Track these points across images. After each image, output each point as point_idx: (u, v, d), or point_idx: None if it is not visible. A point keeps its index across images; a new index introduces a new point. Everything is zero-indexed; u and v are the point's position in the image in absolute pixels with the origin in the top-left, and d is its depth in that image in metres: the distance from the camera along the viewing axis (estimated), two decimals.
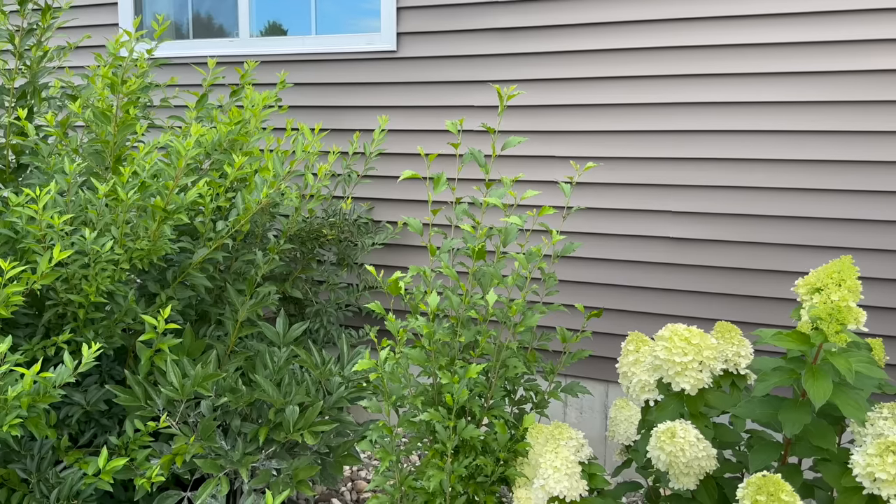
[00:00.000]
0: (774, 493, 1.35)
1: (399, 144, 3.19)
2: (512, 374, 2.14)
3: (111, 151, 2.40)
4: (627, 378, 1.96)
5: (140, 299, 2.38)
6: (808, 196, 2.66)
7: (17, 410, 1.92)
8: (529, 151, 2.99)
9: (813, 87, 2.61)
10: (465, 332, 2.16)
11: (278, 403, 2.31)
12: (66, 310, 2.23)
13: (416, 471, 2.13)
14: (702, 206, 2.79)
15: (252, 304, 2.52)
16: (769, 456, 1.61)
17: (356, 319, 3.33)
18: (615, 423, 2.17)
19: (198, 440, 2.22)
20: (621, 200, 2.91)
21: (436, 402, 2.12)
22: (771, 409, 1.61)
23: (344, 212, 3.07)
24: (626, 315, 2.94)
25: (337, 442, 2.48)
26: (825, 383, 1.45)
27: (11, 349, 2.12)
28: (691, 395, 1.72)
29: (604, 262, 2.96)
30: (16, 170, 2.53)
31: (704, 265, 2.82)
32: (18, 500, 2.13)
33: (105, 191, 2.15)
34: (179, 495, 2.29)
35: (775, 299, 2.72)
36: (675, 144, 2.81)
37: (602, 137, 2.91)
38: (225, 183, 2.44)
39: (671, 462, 1.64)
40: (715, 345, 1.72)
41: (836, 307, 1.48)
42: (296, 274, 2.98)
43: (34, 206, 2.06)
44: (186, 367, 2.28)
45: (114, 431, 2.34)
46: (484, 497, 2.06)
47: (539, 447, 1.97)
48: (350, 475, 3.01)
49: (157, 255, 2.27)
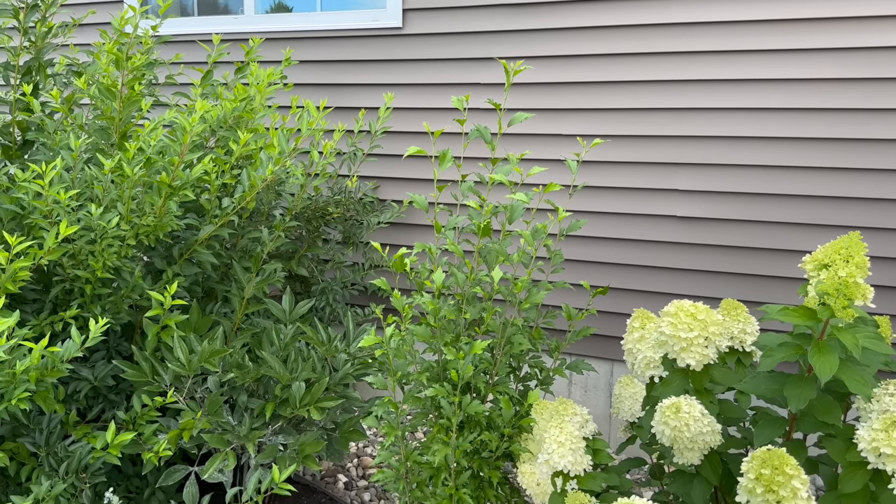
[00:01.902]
0: (779, 467, 1.35)
1: (405, 122, 3.18)
2: (517, 351, 2.14)
3: (116, 128, 2.40)
4: (632, 355, 1.96)
5: (147, 276, 2.38)
6: (816, 174, 2.64)
7: (25, 384, 1.94)
8: (536, 130, 2.98)
9: (823, 64, 2.58)
10: (471, 308, 2.16)
11: (284, 379, 2.32)
12: (73, 286, 2.24)
13: (422, 446, 2.15)
14: (709, 184, 2.78)
15: (258, 281, 2.52)
16: (774, 431, 1.61)
17: (362, 298, 3.34)
18: (619, 400, 2.17)
19: (205, 415, 2.24)
20: (628, 179, 2.89)
21: (441, 379, 2.13)
22: (776, 385, 1.61)
23: (349, 190, 3.07)
24: (631, 294, 2.94)
25: (343, 418, 2.49)
26: (831, 358, 1.45)
27: (19, 324, 2.13)
28: (696, 372, 1.72)
29: (609, 241, 2.96)
30: (21, 146, 2.53)
31: (711, 244, 2.80)
32: (28, 474, 2.15)
33: (111, 167, 2.15)
34: (187, 470, 2.31)
35: (782, 278, 2.71)
36: (683, 122, 2.79)
37: (609, 115, 2.89)
38: (230, 160, 2.44)
39: (675, 437, 1.64)
40: (721, 321, 1.71)
41: (843, 282, 1.47)
42: (301, 252, 2.99)
43: (40, 182, 2.06)
44: (193, 343, 2.29)
45: (121, 407, 2.36)
46: (488, 472, 2.07)
47: (544, 423, 1.98)
48: (356, 451, 3.03)
49: (163, 232, 2.27)
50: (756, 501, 1.38)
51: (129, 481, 2.41)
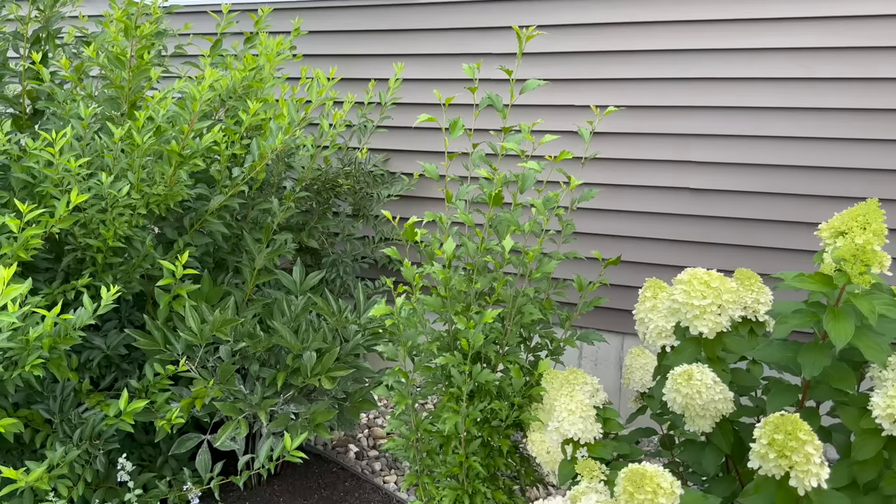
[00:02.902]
0: (792, 432, 1.34)
1: (415, 94, 3.15)
2: (528, 321, 2.14)
3: (126, 97, 2.39)
4: (644, 324, 1.94)
5: (158, 246, 2.39)
6: (831, 145, 2.60)
7: (38, 351, 1.95)
8: (547, 100, 2.94)
9: (839, 33, 2.53)
10: (481, 278, 2.15)
11: (296, 349, 2.33)
12: (84, 255, 2.25)
13: (432, 415, 2.15)
14: (724, 155, 2.74)
15: (269, 252, 2.52)
16: (786, 399, 1.60)
17: (372, 271, 3.34)
18: (630, 371, 2.17)
19: (217, 384, 2.25)
20: (641, 150, 2.86)
21: (451, 348, 2.13)
22: (790, 353, 1.59)
23: (359, 161, 3.05)
24: (642, 267, 2.92)
25: (353, 388, 2.50)
26: (847, 325, 1.43)
27: (32, 293, 2.14)
28: (709, 340, 1.71)
29: (621, 213, 2.93)
30: (32, 116, 2.53)
31: (724, 216, 2.77)
32: (42, 440, 2.18)
33: (121, 135, 2.14)
34: (199, 438, 2.33)
35: (796, 251, 2.68)
36: (698, 92, 2.75)
37: (623, 85, 2.85)
38: (240, 130, 2.43)
39: (687, 404, 1.63)
40: (734, 288, 1.70)
41: (860, 248, 1.45)
42: (312, 224, 2.98)
43: (51, 150, 2.06)
44: (205, 312, 2.30)
45: (133, 375, 2.38)
46: (498, 440, 2.08)
47: (554, 392, 1.97)
48: (367, 422, 3.05)
49: (173, 201, 2.27)
50: (768, 467, 1.37)
51: (142, 449, 2.43)
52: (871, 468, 1.47)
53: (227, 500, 2.43)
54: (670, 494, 1.43)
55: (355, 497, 2.50)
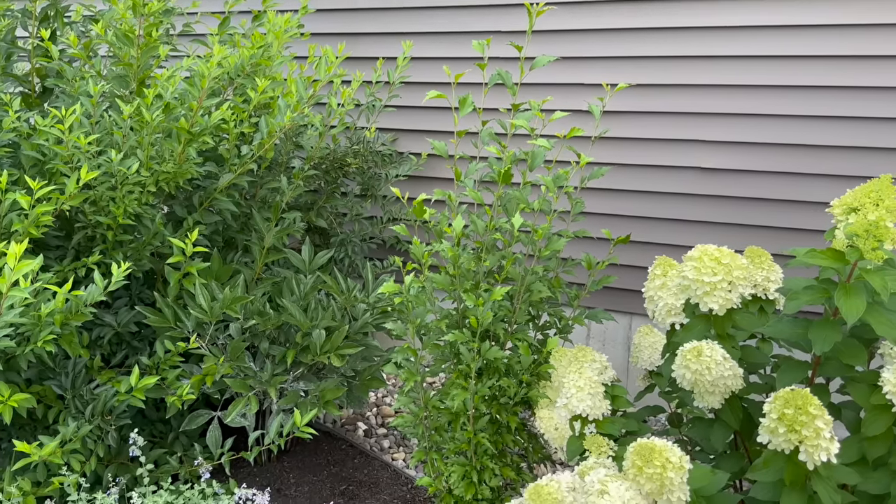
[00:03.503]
0: (802, 407, 1.34)
1: (424, 72, 3.14)
2: (536, 299, 2.14)
3: (134, 75, 2.39)
4: (653, 302, 1.94)
5: (167, 224, 2.39)
6: (846, 124, 2.57)
7: (50, 327, 1.97)
8: (557, 79, 2.92)
9: (851, 11, 2.49)
10: (490, 257, 2.15)
11: (305, 327, 2.34)
12: (94, 232, 2.26)
13: (440, 392, 2.16)
14: (736, 134, 2.72)
15: (278, 231, 2.53)
16: (796, 375, 1.60)
17: (380, 252, 3.34)
18: (639, 350, 2.17)
19: (227, 361, 2.27)
20: (652, 129, 2.84)
21: (460, 326, 2.13)
22: (800, 329, 1.59)
23: (368, 140, 3.05)
24: (652, 247, 2.91)
25: (362, 366, 2.52)
26: (858, 301, 1.42)
27: (43, 269, 2.15)
28: (719, 316, 1.71)
29: (631, 193, 2.92)
30: (41, 94, 2.53)
31: (735, 196, 2.76)
32: (55, 416, 2.20)
33: (130, 112, 2.14)
34: (210, 414, 2.35)
35: (808, 231, 2.67)
36: (710, 71, 2.72)
37: (633, 63, 2.83)
38: (248, 108, 2.43)
39: (696, 380, 1.63)
40: (745, 265, 1.69)
41: (873, 224, 1.44)
42: (320, 203, 2.98)
43: (60, 127, 2.06)
44: (215, 290, 2.31)
45: (144, 353, 2.39)
46: (506, 417, 2.08)
47: (562, 369, 1.98)
48: (375, 401, 3.07)
49: (182, 179, 2.27)
50: (777, 441, 1.38)
51: (154, 426, 2.46)
52: (881, 444, 1.47)
53: (237, 476, 2.45)
54: (679, 469, 1.44)
55: (364, 473, 2.52)
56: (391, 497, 2.41)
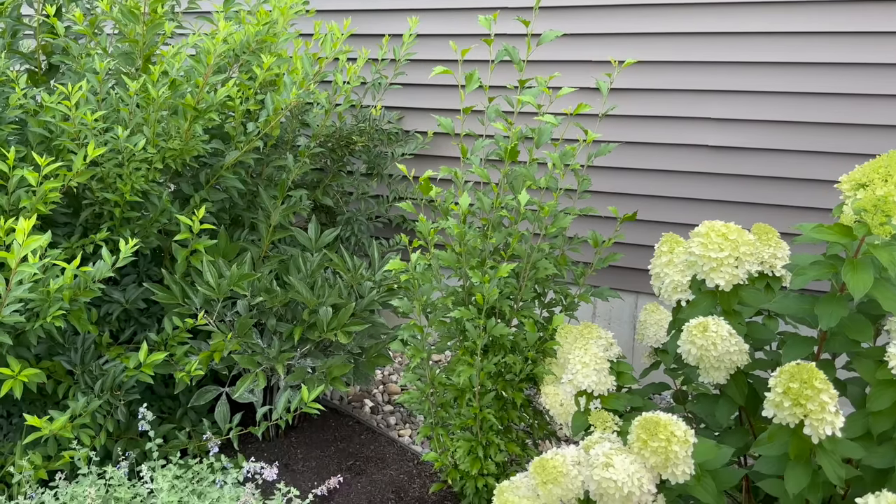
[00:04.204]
0: (808, 381, 1.34)
1: (429, 50, 3.12)
2: (542, 276, 2.14)
3: (140, 52, 2.38)
4: (660, 279, 1.94)
5: (174, 202, 2.40)
6: (854, 101, 2.55)
7: (59, 303, 1.98)
8: (564, 56, 2.90)
9: None
10: (496, 234, 2.15)
11: (312, 304, 2.35)
12: (102, 209, 2.27)
13: (446, 369, 2.17)
14: (742, 112, 2.70)
15: (284, 209, 2.53)
16: (802, 351, 1.60)
17: (386, 231, 3.34)
18: (644, 327, 2.17)
19: (235, 337, 2.28)
20: (658, 107, 2.82)
21: (466, 303, 2.14)
22: (807, 305, 1.58)
23: (374, 118, 3.04)
24: (658, 225, 2.90)
25: (369, 343, 2.53)
26: (866, 275, 1.42)
27: (51, 246, 2.17)
28: (725, 292, 1.71)
29: (637, 171, 2.91)
30: (47, 71, 2.53)
31: (741, 174, 2.75)
32: (64, 391, 2.22)
33: (136, 88, 2.14)
34: (218, 390, 2.37)
35: (815, 209, 2.65)
36: (717, 47, 2.70)
37: (640, 40, 2.80)
38: (254, 85, 2.42)
39: (702, 356, 1.64)
40: (752, 241, 1.69)
41: (881, 199, 1.43)
42: (326, 182, 2.98)
43: (67, 103, 2.06)
44: (222, 267, 2.32)
45: (152, 329, 2.41)
46: (512, 393, 2.10)
47: (568, 346, 1.99)
48: (382, 379, 3.08)
49: (189, 156, 2.27)
50: (783, 415, 1.38)
51: (162, 402, 2.48)
52: (886, 419, 1.47)
53: (245, 451, 2.48)
54: (684, 442, 1.45)
55: (371, 449, 2.55)
56: (397, 472, 2.43)
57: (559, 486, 1.55)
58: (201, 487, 1.94)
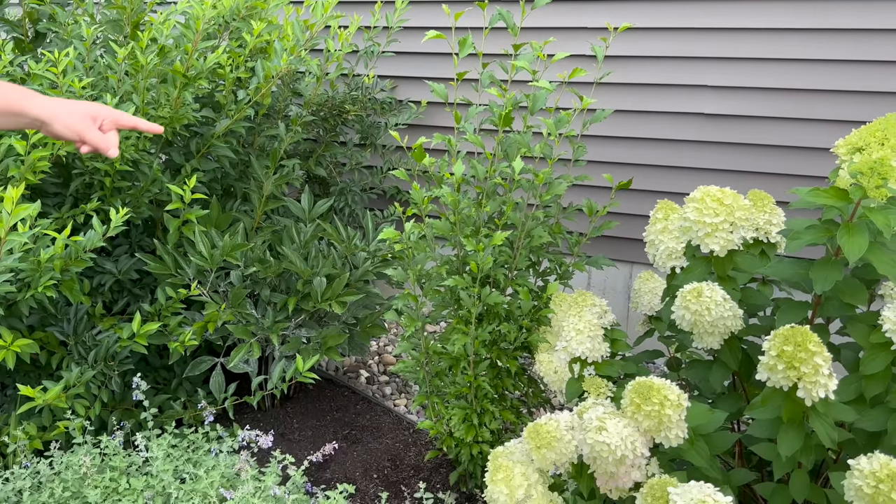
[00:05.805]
0: (802, 344, 1.34)
1: (422, 16, 3.08)
2: (537, 244, 2.13)
3: (128, 18, 2.34)
4: (654, 246, 1.93)
5: (165, 171, 2.38)
6: (851, 68, 2.53)
7: (50, 273, 1.97)
8: (558, 23, 2.86)
9: None
10: (491, 202, 2.13)
11: (306, 275, 2.34)
12: (92, 179, 2.24)
13: (441, 337, 2.17)
14: (739, 79, 2.67)
15: (277, 178, 2.51)
16: (796, 315, 1.60)
17: (380, 202, 3.33)
18: (639, 295, 2.17)
19: (229, 308, 2.27)
20: (654, 75, 2.79)
21: (460, 272, 2.13)
22: (801, 269, 1.58)
23: (366, 86, 3.00)
24: (653, 194, 2.88)
25: (364, 314, 2.53)
26: (861, 239, 1.41)
27: (41, 216, 2.15)
28: (720, 258, 1.70)
29: (633, 140, 2.89)
30: (34, 39, 2.49)
31: (738, 142, 2.73)
32: (58, 362, 2.22)
33: (124, 55, 2.10)
34: (213, 361, 2.36)
35: (812, 177, 2.64)
36: (714, 13, 2.66)
37: (635, 6, 2.77)
38: (244, 52, 2.38)
39: (696, 321, 1.63)
40: (748, 206, 1.68)
41: (878, 161, 1.42)
42: (319, 152, 2.95)
43: (54, 70, 2.03)
44: (214, 237, 2.31)
45: (146, 300, 2.40)
46: (507, 362, 2.10)
47: (562, 313, 1.98)
48: (377, 349, 3.09)
49: (179, 124, 2.24)
50: (776, 378, 1.38)
51: (157, 373, 2.48)
52: (879, 382, 1.47)
53: (241, 421, 2.48)
54: (677, 406, 1.45)
55: (367, 418, 2.56)
56: (393, 441, 2.44)
57: (553, 451, 1.56)
58: (196, 456, 1.94)
